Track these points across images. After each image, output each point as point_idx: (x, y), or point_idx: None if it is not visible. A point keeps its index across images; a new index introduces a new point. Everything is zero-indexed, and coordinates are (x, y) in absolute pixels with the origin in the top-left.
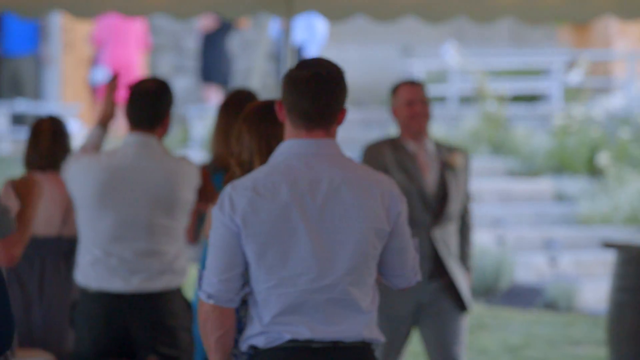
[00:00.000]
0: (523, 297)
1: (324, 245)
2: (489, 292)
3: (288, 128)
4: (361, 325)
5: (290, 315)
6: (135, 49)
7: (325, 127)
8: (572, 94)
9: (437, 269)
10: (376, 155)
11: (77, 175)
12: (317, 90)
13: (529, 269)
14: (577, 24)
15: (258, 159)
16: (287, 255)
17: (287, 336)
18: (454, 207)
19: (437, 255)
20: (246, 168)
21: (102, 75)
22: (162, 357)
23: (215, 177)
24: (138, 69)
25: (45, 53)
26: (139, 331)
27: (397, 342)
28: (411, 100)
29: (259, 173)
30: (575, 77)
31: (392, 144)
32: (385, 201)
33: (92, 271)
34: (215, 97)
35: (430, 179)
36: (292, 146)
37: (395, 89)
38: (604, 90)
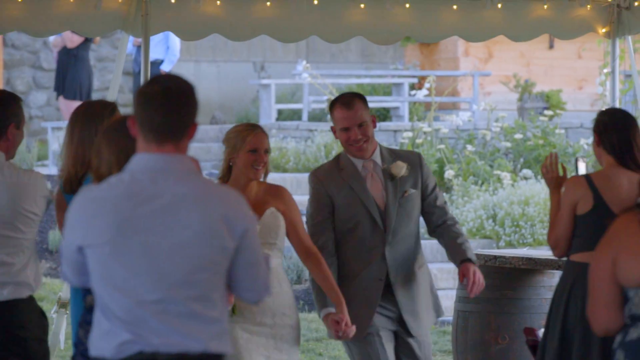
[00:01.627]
0: None
1: (160, 260)
2: None
3: (139, 142)
4: (207, 337)
5: (132, 322)
6: None
7: (175, 141)
8: (420, 110)
9: (387, 294)
10: (322, 180)
11: None
12: (167, 105)
13: None
14: (423, 43)
15: (116, 173)
16: (126, 267)
17: (135, 347)
18: (403, 219)
19: (388, 276)
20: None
21: None
22: None
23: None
24: None
25: None
26: None
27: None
28: (346, 127)
29: (106, 185)
30: (423, 94)
31: (337, 164)
32: (228, 219)
33: None
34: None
35: (377, 194)
36: (140, 160)
37: (331, 109)
38: (450, 107)
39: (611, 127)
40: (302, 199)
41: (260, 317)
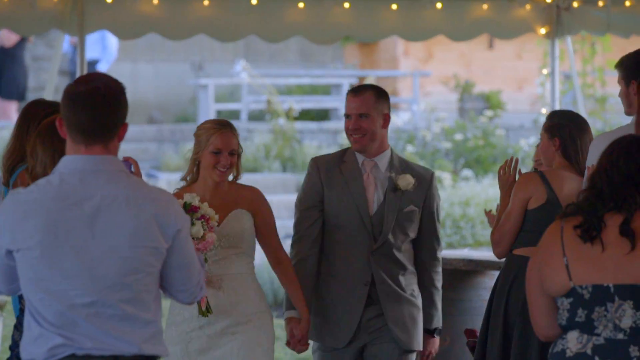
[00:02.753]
0: None
1: (92, 262)
2: (280, 304)
3: (68, 143)
4: (141, 339)
5: (63, 326)
6: None
7: (103, 142)
8: None
9: (372, 298)
10: (319, 168)
11: None
12: (94, 106)
13: None
14: (363, 42)
15: (47, 173)
16: (54, 270)
17: (66, 350)
18: (397, 231)
19: (373, 282)
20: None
21: None
22: None
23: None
24: None
25: None
26: None
27: None
28: (348, 114)
29: (35, 187)
30: None
31: (341, 156)
32: (160, 219)
33: None
34: (10, 116)
35: (372, 198)
36: (69, 162)
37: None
38: (393, 107)
39: (575, 133)
40: None
41: (221, 326)
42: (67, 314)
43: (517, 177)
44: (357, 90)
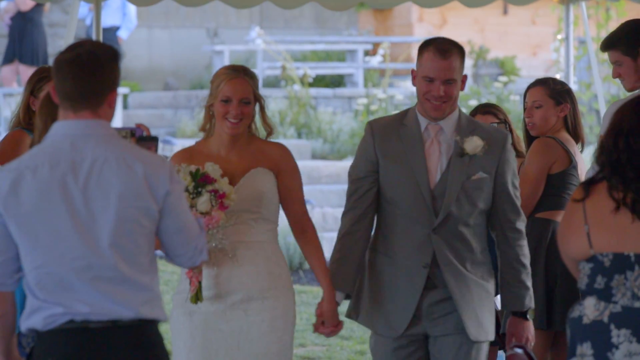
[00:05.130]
0: None
1: (86, 224)
2: (294, 270)
3: (59, 110)
4: (139, 303)
5: (61, 293)
6: None
7: (91, 108)
8: (374, 77)
9: (434, 282)
10: (375, 133)
11: None
12: (78, 72)
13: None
14: (377, 9)
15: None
16: (50, 235)
17: (64, 316)
18: (462, 204)
19: (436, 264)
20: None
21: None
22: None
23: None
24: None
25: None
26: None
27: None
28: (431, 77)
29: (27, 155)
30: (377, 61)
31: (401, 119)
32: (149, 180)
33: None
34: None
35: (435, 168)
36: (59, 127)
37: (421, 50)
38: (405, 73)
39: (576, 102)
40: None
41: (233, 299)
42: (64, 279)
43: None
44: (445, 52)
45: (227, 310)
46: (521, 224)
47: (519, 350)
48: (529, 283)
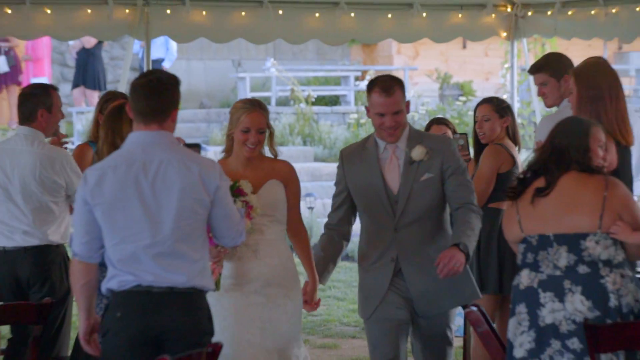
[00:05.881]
0: None
1: (153, 212)
2: None
3: (133, 123)
4: (192, 274)
5: (131, 265)
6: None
7: (158, 122)
8: (363, 97)
9: (402, 272)
10: (343, 158)
11: None
12: (149, 94)
13: None
14: (365, 44)
15: (106, 148)
16: (125, 219)
17: (134, 282)
18: (417, 203)
19: (397, 260)
20: (99, 155)
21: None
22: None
23: None
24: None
25: None
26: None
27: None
28: (382, 113)
29: (110, 157)
30: (365, 84)
31: (364, 144)
32: (202, 177)
33: None
34: (92, 102)
35: (392, 178)
36: (134, 137)
37: (369, 90)
38: None
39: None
40: None
41: (254, 286)
42: (135, 254)
43: None
44: (388, 89)
45: (250, 295)
46: (474, 200)
47: (474, 308)
48: (470, 234)
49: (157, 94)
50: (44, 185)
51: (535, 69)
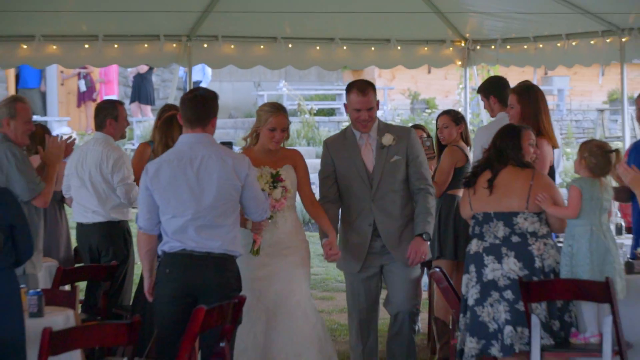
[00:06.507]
0: None
1: (197, 194)
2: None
3: (183, 128)
4: (225, 242)
5: (180, 234)
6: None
7: (201, 126)
8: None
9: (379, 234)
10: (328, 146)
11: None
12: (194, 105)
13: None
14: (354, 69)
15: (160, 147)
16: (176, 200)
17: (180, 247)
18: (388, 179)
19: (374, 224)
20: (155, 152)
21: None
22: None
23: None
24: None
25: (44, 86)
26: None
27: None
28: (358, 109)
29: (165, 154)
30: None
31: (344, 134)
32: (235, 168)
33: None
34: (146, 114)
35: (368, 160)
36: (183, 138)
37: (348, 91)
38: None
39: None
40: None
41: (278, 248)
42: (182, 226)
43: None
44: (364, 90)
45: (272, 254)
46: (428, 186)
47: (437, 269)
48: (430, 220)
49: (201, 105)
50: (104, 176)
51: (480, 90)
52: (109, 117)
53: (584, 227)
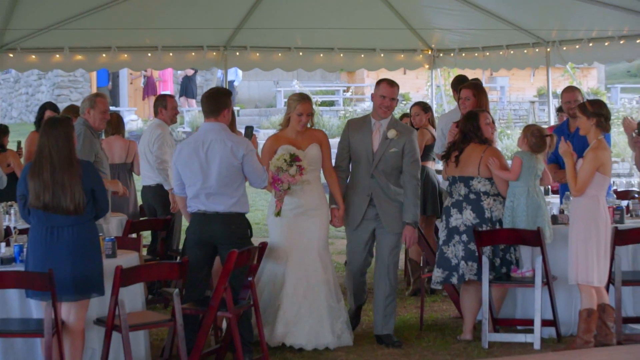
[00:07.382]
0: None
1: (205, 170)
2: None
3: (204, 117)
4: (228, 205)
5: (194, 199)
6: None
7: (214, 116)
8: (348, 101)
9: (374, 203)
10: (349, 126)
11: None
12: (208, 100)
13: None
14: (349, 71)
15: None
16: (191, 173)
17: (196, 208)
18: (385, 163)
19: (371, 194)
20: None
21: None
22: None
23: None
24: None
25: (110, 85)
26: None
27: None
28: (384, 95)
29: (189, 138)
30: (349, 94)
31: (364, 119)
32: (233, 149)
33: None
34: (192, 105)
35: (376, 144)
36: (202, 126)
37: (379, 82)
38: (361, 100)
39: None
40: None
41: (305, 209)
42: (196, 193)
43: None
44: (392, 84)
45: (298, 215)
46: (416, 173)
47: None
48: (417, 210)
49: (214, 100)
50: (151, 151)
51: (453, 84)
52: (160, 106)
53: (522, 188)
